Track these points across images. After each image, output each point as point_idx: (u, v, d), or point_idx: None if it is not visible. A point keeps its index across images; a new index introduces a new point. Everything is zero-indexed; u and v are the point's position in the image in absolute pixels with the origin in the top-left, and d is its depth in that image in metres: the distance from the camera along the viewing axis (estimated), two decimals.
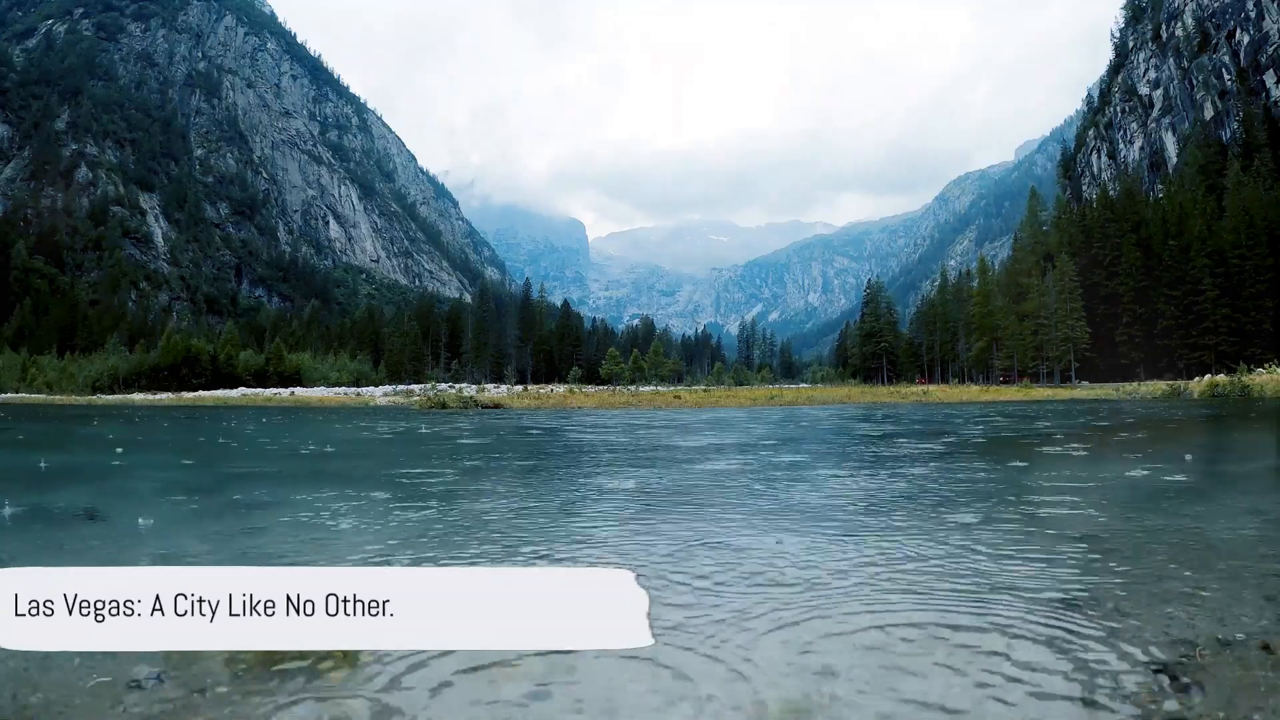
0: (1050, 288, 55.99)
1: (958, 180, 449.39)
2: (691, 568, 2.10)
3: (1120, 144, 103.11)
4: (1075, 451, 6.14)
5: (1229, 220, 54.47)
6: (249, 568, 1.11)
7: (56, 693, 1.26)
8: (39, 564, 2.29)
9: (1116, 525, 2.67)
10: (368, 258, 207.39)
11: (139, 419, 15.23)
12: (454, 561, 2.23)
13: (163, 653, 1.39)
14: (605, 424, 11.69)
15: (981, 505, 3.17)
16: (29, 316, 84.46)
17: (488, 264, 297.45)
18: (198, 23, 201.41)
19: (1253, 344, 48.62)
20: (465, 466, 5.48)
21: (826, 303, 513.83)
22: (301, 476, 5.07)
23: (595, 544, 2.49)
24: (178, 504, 3.71)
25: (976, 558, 2.18)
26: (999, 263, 78.56)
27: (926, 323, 75.08)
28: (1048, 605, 1.68)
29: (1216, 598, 1.73)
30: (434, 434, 9.78)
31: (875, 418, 13.08)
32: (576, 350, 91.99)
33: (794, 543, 2.44)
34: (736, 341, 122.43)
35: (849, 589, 1.85)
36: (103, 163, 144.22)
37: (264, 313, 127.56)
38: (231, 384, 51.52)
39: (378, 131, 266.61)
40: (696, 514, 3.07)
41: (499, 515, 3.11)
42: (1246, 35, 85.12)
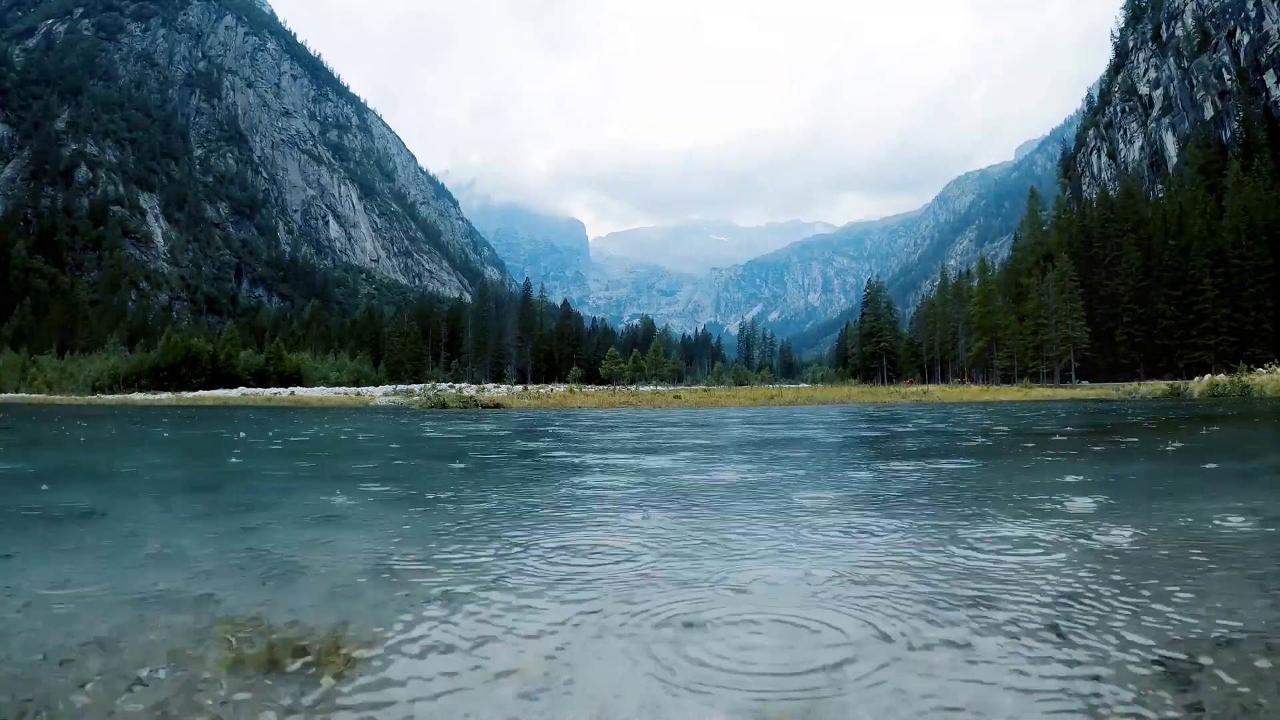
0: (1050, 288, 56.00)
1: (958, 180, 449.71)
2: (692, 567, 2.10)
3: (1120, 144, 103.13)
4: (1074, 451, 6.13)
5: (1229, 220, 54.48)
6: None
7: (57, 692, 1.25)
8: (38, 564, 2.29)
9: (1116, 524, 2.67)
10: (368, 258, 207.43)
11: (133, 420, 15.22)
12: (455, 562, 2.22)
13: (164, 651, 1.40)
14: (609, 422, 11.70)
15: (981, 504, 3.17)
16: (29, 316, 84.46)
17: (488, 264, 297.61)
18: (198, 23, 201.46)
19: (1253, 344, 48.62)
20: (465, 466, 5.48)
21: (826, 303, 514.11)
22: (302, 477, 5.06)
23: (592, 543, 2.48)
24: (176, 504, 3.71)
25: (975, 556, 2.18)
26: (999, 263, 78.64)
27: (926, 323, 75.06)
28: (1047, 604, 1.68)
29: (1217, 597, 1.72)
30: (434, 434, 9.79)
31: (875, 417, 13.08)
32: (576, 350, 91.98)
33: (792, 542, 2.44)
34: (736, 341, 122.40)
35: (848, 588, 1.85)
36: (103, 163, 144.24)
37: (264, 313, 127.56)
38: (231, 384, 51.54)
39: (378, 131, 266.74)
40: (696, 514, 3.07)
41: (498, 515, 3.10)
42: (1246, 35, 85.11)
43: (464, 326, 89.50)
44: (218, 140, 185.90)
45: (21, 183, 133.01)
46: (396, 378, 66.83)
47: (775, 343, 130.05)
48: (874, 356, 75.88)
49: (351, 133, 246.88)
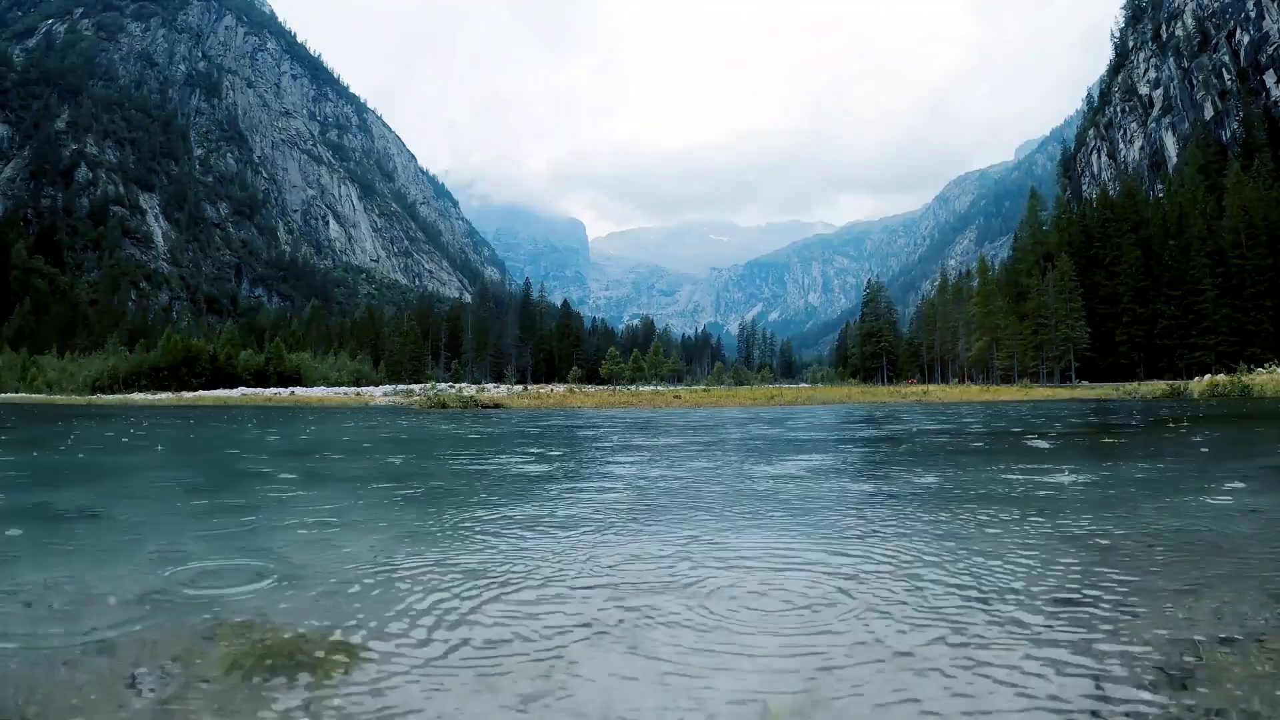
0: (1050, 288, 56.01)
1: (958, 180, 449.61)
2: (692, 566, 2.11)
3: (1120, 144, 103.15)
4: (1074, 451, 6.14)
5: (1229, 220, 54.49)
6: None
7: (57, 692, 1.24)
8: (38, 564, 2.29)
9: (1116, 524, 2.67)
10: (368, 257, 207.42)
11: (133, 420, 15.22)
12: (455, 562, 2.22)
13: (164, 651, 1.41)
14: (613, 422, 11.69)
15: (980, 504, 3.16)
16: (29, 316, 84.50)
17: (488, 264, 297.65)
18: (198, 22, 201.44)
19: (1253, 344, 48.61)
20: (464, 466, 5.48)
21: (826, 302, 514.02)
22: (301, 477, 5.06)
23: (593, 544, 2.48)
24: (176, 504, 3.71)
25: (975, 556, 2.18)
26: (999, 263, 78.56)
27: (926, 322, 75.06)
28: (1047, 604, 1.68)
29: (1217, 596, 1.72)
30: (434, 434, 9.78)
31: (875, 417, 13.08)
32: (576, 350, 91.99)
33: (791, 541, 2.44)
34: (736, 341, 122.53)
35: (847, 587, 1.85)
36: (103, 163, 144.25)
37: (264, 313, 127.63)
38: (231, 384, 51.53)
39: (378, 131, 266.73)
40: (695, 514, 3.07)
41: (499, 516, 3.10)
42: (1246, 35, 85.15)
43: (464, 326, 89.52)
44: (218, 140, 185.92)
45: (21, 183, 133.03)
46: (396, 378, 66.80)
47: (775, 343, 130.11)
48: (874, 356, 75.90)
49: (351, 132, 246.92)
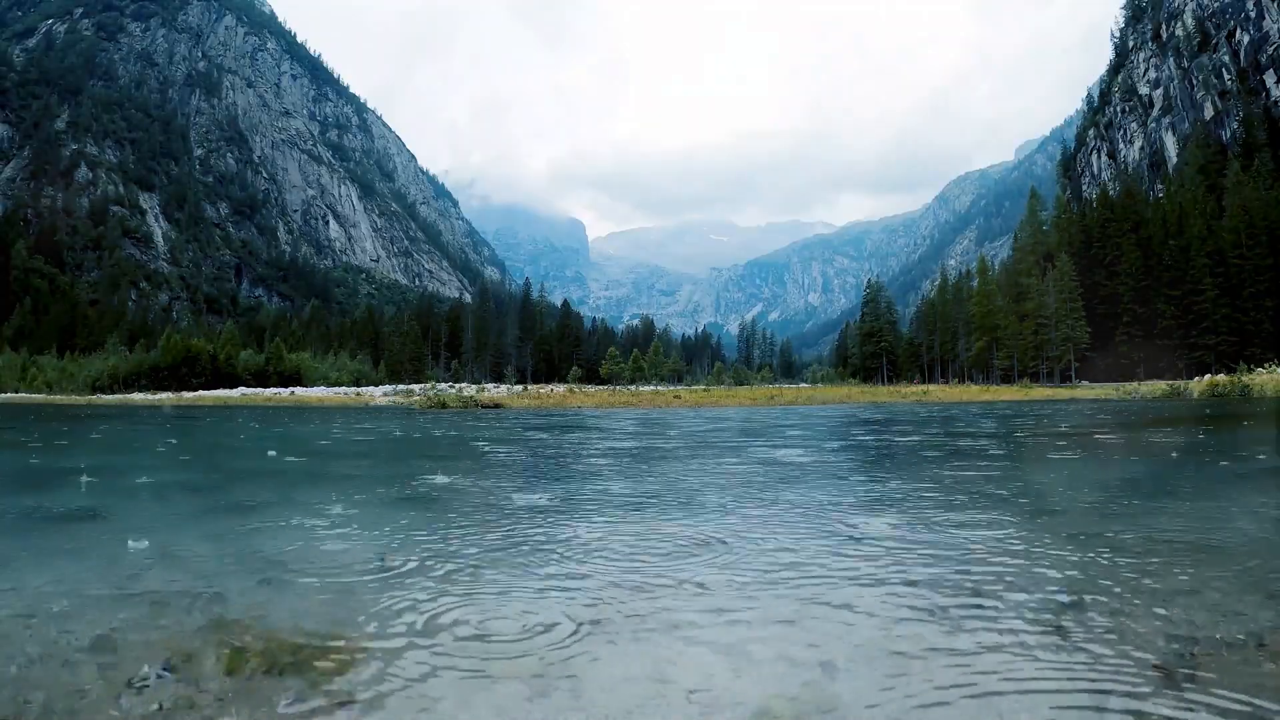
0: (1050, 288, 55.98)
1: (958, 180, 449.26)
2: (691, 566, 2.11)
3: (1120, 144, 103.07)
4: (1074, 450, 6.14)
5: (1229, 220, 54.46)
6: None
7: (57, 692, 1.24)
8: (38, 565, 2.29)
9: (1116, 524, 2.67)
10: (368, 257, 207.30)
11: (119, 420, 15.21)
12: (455, 562, 2.22)
13: (164, 651, 1.41)
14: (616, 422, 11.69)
15: (980, 503, 3.17)
16: (29, 316, 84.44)
17: (488, 264, 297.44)
18: (198, 22, 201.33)
19: (1253, 344, 48.60)
20: (464, 466, 5.48)
21: (826, 302, 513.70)
22: (301, 476, 5.07)
23: (590, 546, 2.48)
24: (176, 504, 3.71)
25: (975, 555, 2.18)
26: (999, 263, 78.53)
27: (926, 323, 75.04)
28: (1047, 604, 1.68)
29: (1217, 596, 1.72)
30: (434, 434, 9.78)
31: (875, 417, 13.08)
32: (576, 350, 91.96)
33: (792, 541, 2.44)
34: (736, 341, 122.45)
35: (848, 587, 1.85)
36: (103, 162, 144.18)
37: (264, 313, 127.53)
38: (231, 384, 51.52)
39: (378, 131, 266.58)
40: (698, 514, 3.07)
41: (499, 516, 3.11)
42: (1246, 35, 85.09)
43: (464, 326, 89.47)
44: (218, 140, 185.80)
45: (21, 183, 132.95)
46: (396, 378, 66.80)
47: (775, 343, 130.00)
48: (874, 356, 75.86)
49: (351, 132, 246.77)
